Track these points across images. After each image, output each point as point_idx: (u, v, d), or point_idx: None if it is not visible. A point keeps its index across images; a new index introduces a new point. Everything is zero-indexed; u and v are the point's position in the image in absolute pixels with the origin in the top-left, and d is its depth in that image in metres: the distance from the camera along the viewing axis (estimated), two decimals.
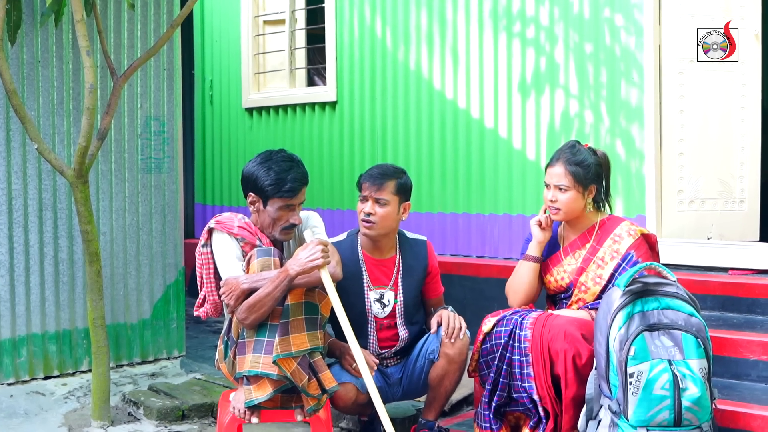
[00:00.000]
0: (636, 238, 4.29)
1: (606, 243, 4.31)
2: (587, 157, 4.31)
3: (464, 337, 4.44)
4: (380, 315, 4.58)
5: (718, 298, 5.34)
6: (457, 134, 6.96)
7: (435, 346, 4.44)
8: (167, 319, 6.30)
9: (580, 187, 4.29)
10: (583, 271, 4.32)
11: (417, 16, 7.19)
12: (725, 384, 4.74)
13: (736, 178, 6.13)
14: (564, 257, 4.42)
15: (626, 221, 4.40)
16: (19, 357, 5.61)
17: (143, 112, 6.10)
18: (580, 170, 4.28)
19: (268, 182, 4.13)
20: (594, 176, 4.31)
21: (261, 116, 8.47)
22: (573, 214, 4.35)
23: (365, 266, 4.59)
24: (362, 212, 4.47)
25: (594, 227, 4.39)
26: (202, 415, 5.24)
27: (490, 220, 6.81)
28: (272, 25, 8.52)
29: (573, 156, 4.31)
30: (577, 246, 4.40)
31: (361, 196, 4.48)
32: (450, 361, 4.42)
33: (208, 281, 4.24)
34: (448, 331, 4.42)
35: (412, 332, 4.62)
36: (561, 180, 4.30)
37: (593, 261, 4.31)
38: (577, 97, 6.31)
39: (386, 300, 4.58)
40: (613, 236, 4.32)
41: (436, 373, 4.47)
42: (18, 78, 5.50)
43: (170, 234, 6.27)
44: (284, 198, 4.14)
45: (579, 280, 4.32)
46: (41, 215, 5.67)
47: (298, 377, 3.87)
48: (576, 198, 4.30)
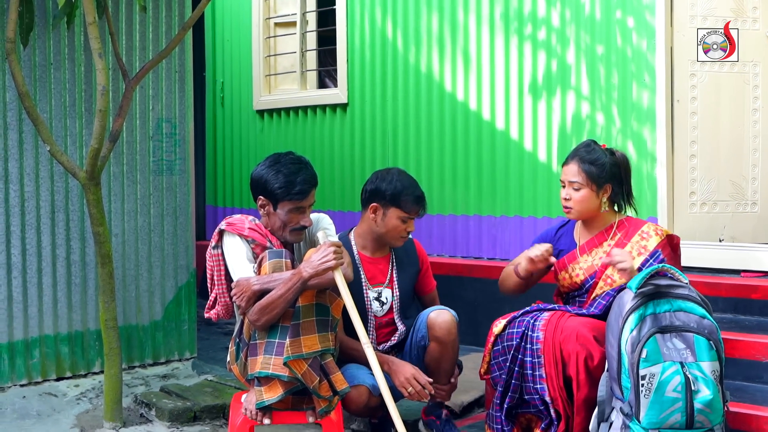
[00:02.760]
0: (663, 238, 4.31)
1: (634, 239, 4.31)
2: (601, 156, 4.32)
3: (449, 316, 4.43)
4: (379, 314, 4.61)
5: (730, 300, 5.33)
6: (468, 136, 6.96)
7: (423, 333, 4.47)
8: (179, 320, 6.31)
9: (594, 186, 4.29)
10: (610, 265, 4.30)
11: (428, 18, 7.19)
12: (737, 386, 4.73)
13: (748, 180, 6.12)
14: (580, 255, 4.41)
15: (650, 223, 4.40)
16: (31, 358, 5.63)
17: (155, 114, 6.12)
18: (594, 168, 4.28)
19: (278, 185, 4.13)
20: (609, 175, 4.31)
21: (272, 118, 8.48)
22: (587, 213, 4.35)
23: (362, 265, 4.62)
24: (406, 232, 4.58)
25: (612, 227, 4.39)
26: (213, 417, 5.25)
27: (501, 222, 6.80)
28: (283, 27, 8.53)
29: (587, 154, 4.32)
30: (594, 245, 4.39)
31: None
32: (440, 342, 4.43)
33: (219, 283, 4.24)
34: (413, 395, 4.39)
35: (408, 326, 4.65)
36: (575, 177, 4.31)
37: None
38: (588, 98, 6.31)
39: (384, 298, 4.61)
40: (640, 233, 4.33)
41: (430, 357, 4.50)
42: (30, 80, 5.52)
43: (182, 236, 6.28)
44: (294, 200, 4.15)
45: (605, 273, 4.31)
46: (54, 217, 5.69)
47: (309, 379, 3.88)
48: (589, 196, 4.31)
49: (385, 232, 4.55)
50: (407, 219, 4.53)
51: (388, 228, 4.54)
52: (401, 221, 4.53)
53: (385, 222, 4.53)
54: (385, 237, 4.57)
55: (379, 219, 4.54)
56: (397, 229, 4.54)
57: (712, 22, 6.00)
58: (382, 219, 4.54)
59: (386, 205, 4.51)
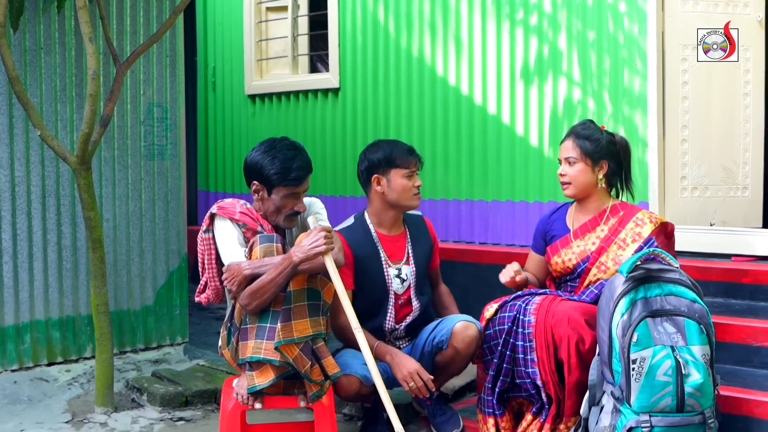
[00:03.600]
0: (657, 226, 4.32)
1: (628, 225, 4.32)
2: (596, 132, 4.36)
3: (475, 332, 4.39)
4: (399, 291, 4.61)
5: (721, 284, 5.34)
6: (459, 121, 6.95)
7: (445, 337, 4.44)
8: (170, 305, 6.31)
9: (589, 160, 4.31)
10: (604, 251, 4.32)
11: (420, 2, 7.16)
12: (728, 370, 4.73)
13: (739, 165, 6.12)
14: (573, 239, 4.42)
15: (645, 209, 4.41)
16: (22, 343, 5.63)
17: (146, 99, 6.10)
18: (588, 144, 4.31)
19: (273, 171, 4.13)
20: (605, 152, 4.33)
21: (263, 103, 8.46)
22: (582, 189, 4.37)
23: (380, 244, 4.62)
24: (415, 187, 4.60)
25: (605, 211, 4.40)
26: (205, 401, 5.26)
27: (492, 207, 6.80)
28: (275, 11, 8.50)
29: (583, 130, 4.38)
30: (587, 229, 4.40)
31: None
32: (458, 352, 4.42)
33: (209, 267, 4.24)
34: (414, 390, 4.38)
35: (422, 303, 4.67)
36: (570, 153, 4.35)
37: (615, 242, 4.31)
38: (579, 84, 6.30)
39: (404, 275, 4.62)
40: (635, 219, 4.34)
41: (443, 358, 4.49)
42: (21, 65, 5.50)
43: (173, 220, 6.28)
44: (289, 186, 4.15)
45: (599, 260, 4.32)
46: (44, 202, 5.67)
47: (300, 363, 3.88)
48: (585, 171, 4.33)
49: (397, 197, 4.56)
50: (410, 174, 4.56)
51: (398, 191, 4.55)
52: (406, 178, 4.55)
53: (392, 187, 4.55)
54: (400, 202, 4.58)
55: (386, 187, 4.55)
56: (406, 187, 4.55)
57: (703, 7, 5.99)
58: (389, 185, 4.55)
59: (385, 170, 4.54)
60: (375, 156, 4.58)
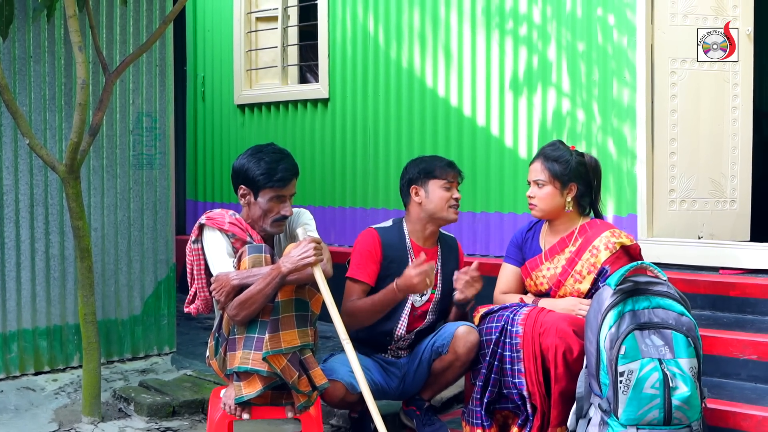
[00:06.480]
0: (614, 252, 4.29)
1: (584, 256, 4.32)
2: (565, 154, 4.36)
3: (476, 338, 4.39)
4: (417, 304, 4.62)
5: (709, 297, 5.35)
6: (449, 132, 6.96)
7: (446, 342, 4.44)
8: (158, 315, 6.29)
9: (558, 183, 4.33)
10: (561, 285, 4.34)
11: (410, 14, 7.18)
12: (715, 383, 4.75)
13: (727, 178, 6.15)
14: (543, 262, 4.44)
15: (608, 231, 4.36)
16: (9, 352, 5.60)
17: (135, 108, 6.09)
18: (557, 166, 4.33)
19: (259, 172, 4.13)
20: (574, 174, 4.34)
21: (253, 113, 8.46)
22: (551, 211, 4.39)
23: (412, 252, 4.63)
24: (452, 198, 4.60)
25: (573, 233, 4.40)
26: (192, 412, 5.24)
27: (481, 219, 6.81)
28: (265, 21, 8.51)
29: (552, 152, 4.39)
30: (556, 251, 4.42)
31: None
32: (457, 357, 4.42)
33: (198, 277, 4.23)
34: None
35: (436, 319, 4.70)
36: (538, 175, 4.37)
37: (571, 275, 4.33)
38: (569, 95, 6.32)
39: (427, 290, 4.60)
40: (591, 248, 4.32)
41: (440, 365, 4.50)
42: (9, 73, 5.49)
43: (161, 230, 6.26)
44: (275, 188, 4.15)
45: (558, 293, 4.35)
46: (32, 211, 5.66)
47: (288, 374, 3.88)
48: (553, 194, 4.34)
49: (434, 208, 4.57)
50: (449, 186, 4.58)
51: (435, 201, 4.57)
52: (444, 189, 4.57)
53: (430, 197, 4.57)
54: (437, 213, 4.59)
55: (424, 197, 4.58)
56: (443, 198, 4.57)
57: (692, 20, 6.02)
58: (426, 196, 4.58)
59: (424, 182, 4.59)
60: (414, 169, 4.64)
